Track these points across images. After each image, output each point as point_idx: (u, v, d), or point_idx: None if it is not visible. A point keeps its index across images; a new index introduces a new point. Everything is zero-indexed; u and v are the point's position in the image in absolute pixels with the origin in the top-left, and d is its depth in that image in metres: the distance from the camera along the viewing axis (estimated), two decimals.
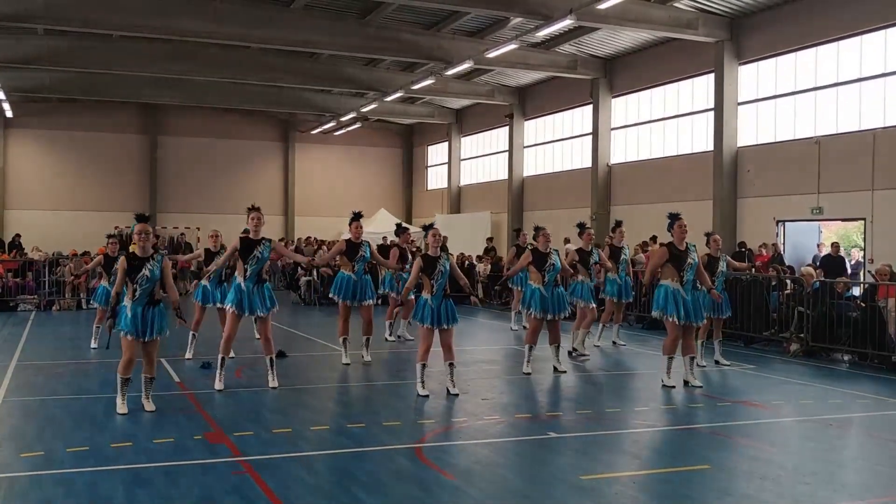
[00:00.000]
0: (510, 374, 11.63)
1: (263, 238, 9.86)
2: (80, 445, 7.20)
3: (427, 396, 9.58)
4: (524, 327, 16.53)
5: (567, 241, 20.81)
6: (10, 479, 6.32)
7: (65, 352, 12.89)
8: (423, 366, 9.77)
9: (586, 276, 12.96)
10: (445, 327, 9.62)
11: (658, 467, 6.85)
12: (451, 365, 9.76)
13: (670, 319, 10.34)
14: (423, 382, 9.75)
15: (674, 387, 10.33)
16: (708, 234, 12.32)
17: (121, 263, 8.46)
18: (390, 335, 14.83)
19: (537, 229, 11.44)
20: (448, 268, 9.77)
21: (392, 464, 6.83)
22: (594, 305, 13.07)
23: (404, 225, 13.20)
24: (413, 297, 11.45)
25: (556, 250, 11.53)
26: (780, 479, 6.63)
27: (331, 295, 12.20)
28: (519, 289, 15.25)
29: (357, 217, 12.04)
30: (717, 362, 12.39)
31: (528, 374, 11.32)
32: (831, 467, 7.15)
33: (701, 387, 10.42)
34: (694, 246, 10.66)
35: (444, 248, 10.72)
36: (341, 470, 6.67)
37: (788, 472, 6.83)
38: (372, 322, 12.13)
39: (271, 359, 10.15)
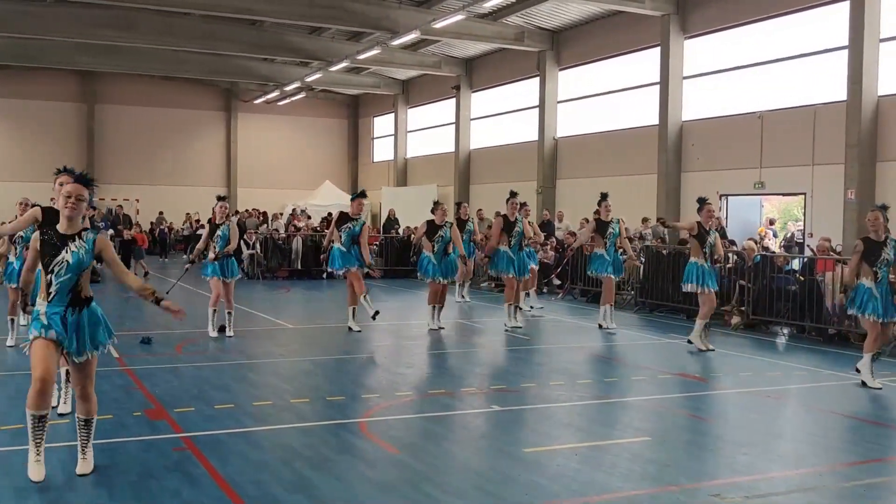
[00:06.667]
0: (456, 348, 11.67)
1: (85, 229, 5.81)
2: (15, 424, 6.99)
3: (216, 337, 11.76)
4: (463, 297, 16.74)
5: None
6: None
7: None
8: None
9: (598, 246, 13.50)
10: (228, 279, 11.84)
11: (599, 440, 6.93)
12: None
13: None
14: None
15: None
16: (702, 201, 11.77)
17: (34, 238, 5.75)
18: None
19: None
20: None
21: (337, 439, 6.79)
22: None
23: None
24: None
25: (450, 222, 13.20)
26: (719, 450, 6.76)
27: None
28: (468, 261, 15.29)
29: (360, 195, 12.80)
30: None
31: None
32: (768, 438, 7.30)
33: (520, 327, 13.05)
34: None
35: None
36: (285, 446, 6.61)
37: (727, 444, 6.96)
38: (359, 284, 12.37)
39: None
